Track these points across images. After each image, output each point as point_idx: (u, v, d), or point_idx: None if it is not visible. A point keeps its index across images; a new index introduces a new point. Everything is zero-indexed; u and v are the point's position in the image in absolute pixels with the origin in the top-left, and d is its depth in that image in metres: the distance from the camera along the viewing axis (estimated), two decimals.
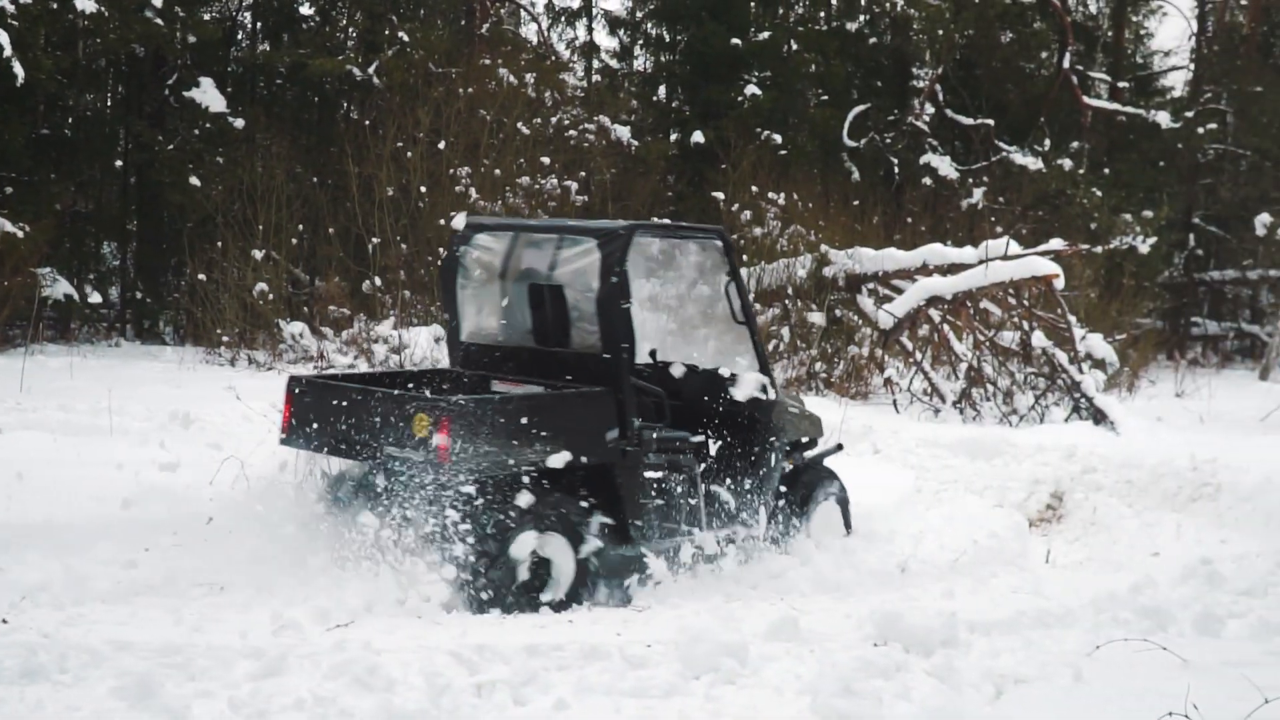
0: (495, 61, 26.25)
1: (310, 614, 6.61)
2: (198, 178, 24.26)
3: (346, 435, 7.94)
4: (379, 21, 28.44)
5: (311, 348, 20.51)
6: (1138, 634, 6.70)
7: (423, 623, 6.72)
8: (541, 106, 26.36)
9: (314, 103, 29.06)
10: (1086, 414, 16.08)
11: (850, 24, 33.12)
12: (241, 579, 7.36)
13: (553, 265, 8.83)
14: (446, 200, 21.91)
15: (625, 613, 7.23)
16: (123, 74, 28.25)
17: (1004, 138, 30.06)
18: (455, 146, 22.81)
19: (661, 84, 33.06)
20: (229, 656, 5.74)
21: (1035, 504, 11.94)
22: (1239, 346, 34.27)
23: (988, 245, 17.55)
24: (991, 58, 32.63)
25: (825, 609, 7.50)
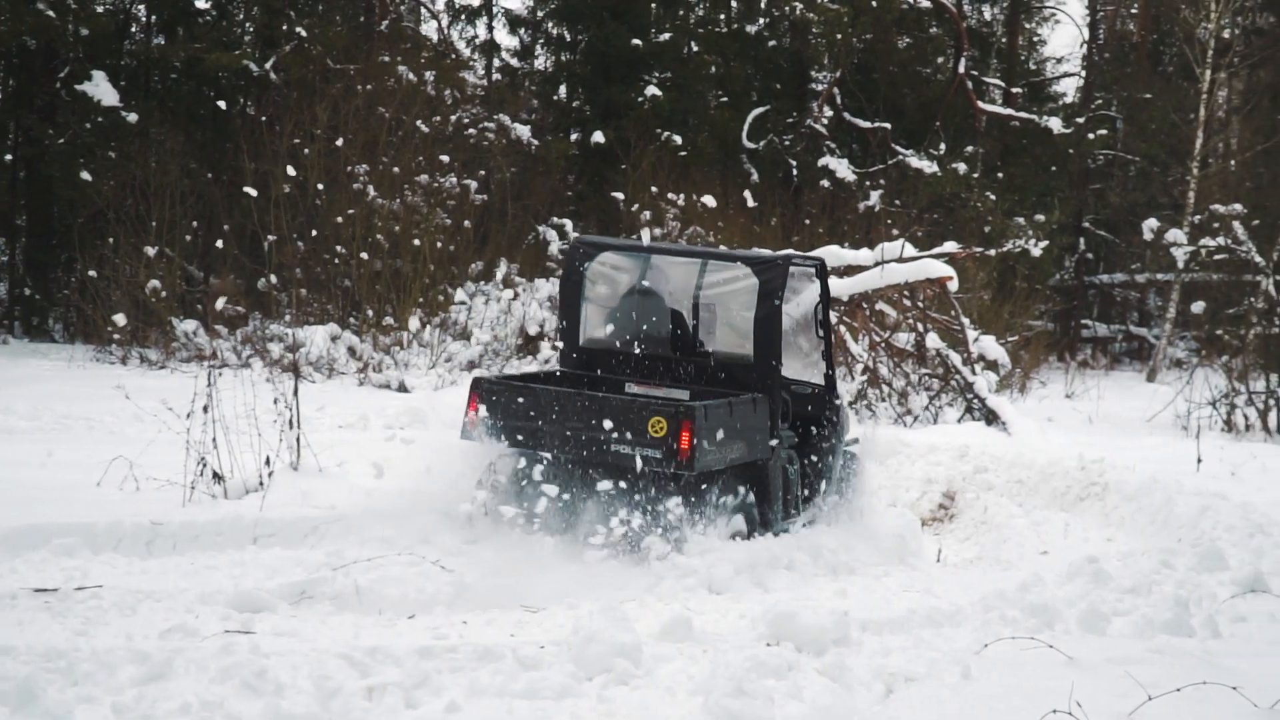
0: (395, 59, 26.11)
1: (208, 615, 6.54)
2: (89, 172, 23.90)
3: (555, 434, 8.87)
4: (277, 16, 28.13)
5: (205, 346, 20.26)
6: (1025, 632, 6.79)
7: (313, 625, 6.66)
8: (441, 104, 26.23)
9: (209, 98, 28.66)
10: (979, 415, 16.31)
11: (750, 26, 33.25)
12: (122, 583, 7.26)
13: (699, 286, 10.17)
14: (344, 198, 21.76)
15: (519, 613, 7.21)
16: (13, 66, 27.73)
17: (901, 141, 30.33)
18: (353, 144, 22.64)
19: (562, 83, 33.00)
20: (114, 661, 5.64)
21: (928, 503, 12.08)
22: (1127, 348, 34.90)
23: (884, 247, 17.71)
24: (889, 62, 32.97)
25: (719, 609, 7.53)
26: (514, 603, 7.44)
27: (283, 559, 7.88)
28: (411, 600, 7.28)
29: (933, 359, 17.32)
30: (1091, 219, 35.33)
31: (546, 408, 8.96)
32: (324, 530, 8.49)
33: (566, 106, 32.39)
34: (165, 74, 29.61)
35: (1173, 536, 9.99)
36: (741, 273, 9.96)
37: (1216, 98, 32.94)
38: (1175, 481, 11.28)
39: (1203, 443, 14.12)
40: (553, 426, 8.89)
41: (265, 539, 8.30)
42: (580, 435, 8.77)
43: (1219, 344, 22.63)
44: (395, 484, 9.74)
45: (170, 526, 8.13)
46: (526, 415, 8.99)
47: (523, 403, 9.05)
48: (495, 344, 21.25)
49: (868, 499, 10.52)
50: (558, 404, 8.95)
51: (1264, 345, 21.06)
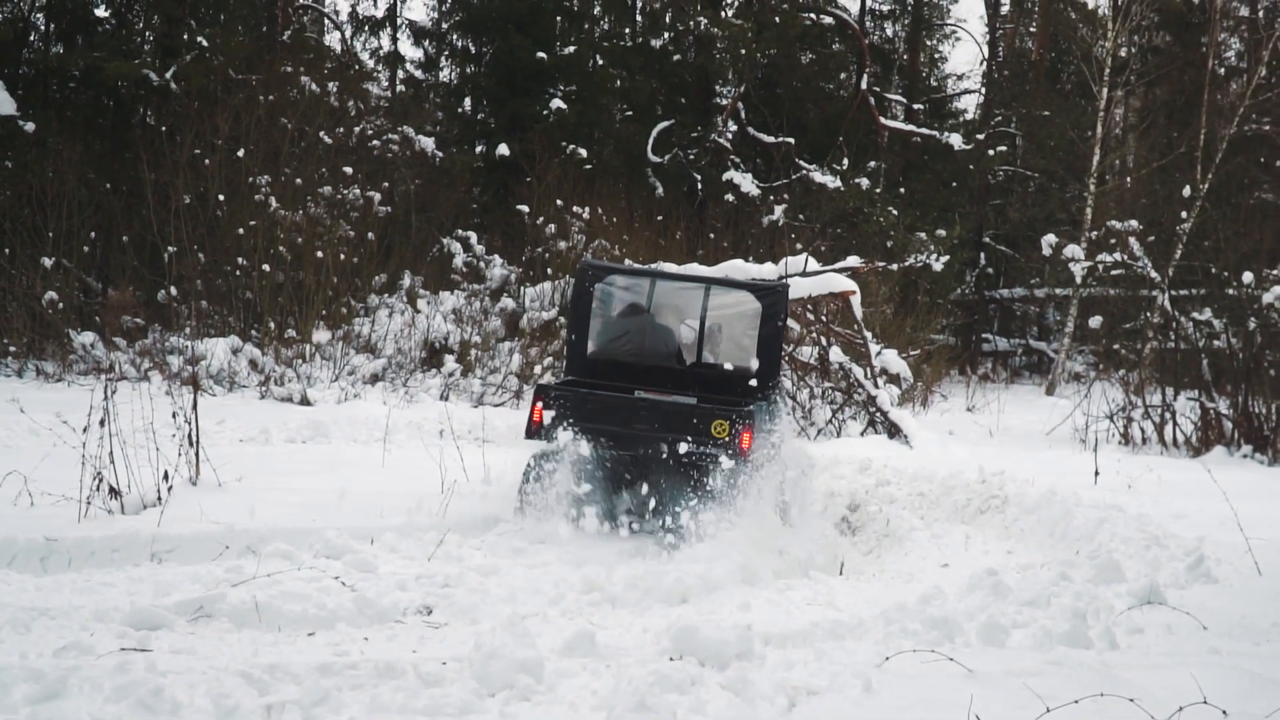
0: (297, 69, 25.92)
1: (104, 633, 6.43)
2: None
3: (622, 434, 10.18)
4: (177, 25, 27.87)
5: (103, 359, 19.96)
6: (926, 644, 6.83)
7: (211, 643, 6.57)
8: (345, 116, 26.09)
9: (109, 107, 28.35)
10: (882, 428, 16.43)
11: (655, 41, 33.39)
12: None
13: (704, 308, 11.45)
14: (245, 209, 21.54)
15: (421, 629, 7.16)
16: None
17: (804, 156, 30.57)
18: (255, 154, 22.42)
19: (467, 96, 32.95)
20: (7, 680, 5.53)
21: (831, 516, 12.13)
22: (1027, 362, 35.36)
23: (787, 261, 17.80)
24: (793, 77, 33.21)
25: (623, 623, 7.53)
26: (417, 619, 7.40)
27: (181, 575, 7.77)
28: (312, 617, 7.20)
29: (836, 372, 17.43)
30: (991, 234, 35.76)
31: (616, 411, 10.26)
32: (223, 546, 8.38)
33: (471, 119, 32.34)
34: (64, 83, 29.24)
35: (1071, 549, 10.10)
36: (745, 297, 11.53)
37: (1113, 115, 33.50)
38: (1073, 494, 11.40)
39: (1100, 456, 14.31)
40: (623, 428, 10.19)
41: (163, 555, 8.18)
42: (647, 434, 10.11)
43: (1116, 358, 22.96)
44: (295, 498, 9.68)
45: (65, 542, 7.99)
46: (596, 418, 10.17)
47: (590, 407, 10.21)
48: (400, 357, 21.13)
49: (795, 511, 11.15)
50: (627, 408, 10.32)
51: (1160, 360, 21.38)
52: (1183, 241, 24.45)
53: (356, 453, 13.61)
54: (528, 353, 21.01)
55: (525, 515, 10.07)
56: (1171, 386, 19.07)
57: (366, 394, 19.10)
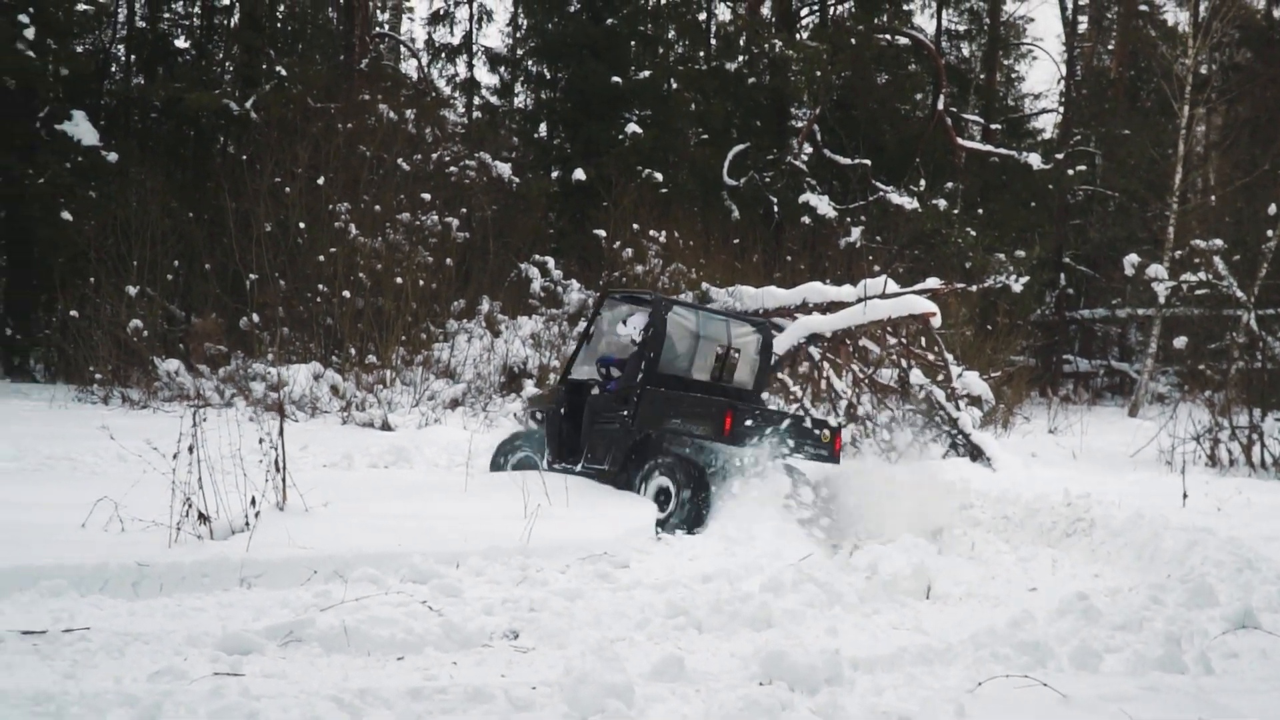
0: (375, 97, 26.15)
1: (197, 657, 6.48)
2: (69, 212, 23.89)
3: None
4: (257, 55, 28.21)
5: (187, 385, 20.18)
6: (1018, 669, 6.76)
7: (302, 667, 6.59)
8: (422, 143, 26.29)
9: (190, 137, 28.73)
10: (963, 450, 16.29)
11: (729, 64, 33.36)
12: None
13: (729, 337, 13.98)
14: (326, 236, 21.74)
15: (509, 654, 7.16)
16: None
17: (881, 178, 30.43)
18: (334, 182, 22.65)
19: (542, 121, 33.09)
20: (103, 704, 5.59)
21: (915, 539, 12.02)
22: (1109, 383, 34.98)
23: (866, 284, 17.74)
24: (868, 99, 33.07)
25: (710, 648, 7.49)
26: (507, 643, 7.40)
27: (270, 600, 7.81)
28: (400, 641, 7.21)
29: (916, 395, 17.32)
30: (1072, 254, 35.47)
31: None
32: (310, 570, 8.42)
33: (547, 144, 32.49)
34: (145, 113, 29.66)
35: (1161, 572, 9.97)
36: (750, 329, 14.29)
37: (1195, 133, 33.10)
38: (1161, 516, 11.26)
39: (1187, 478, 14.11)
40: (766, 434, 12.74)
41: (252, 580, 8.23)
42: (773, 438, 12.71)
43: (1201, 379, 22.65)
44: (380, 523, 9.72)
45: (157, 568, 8.05)
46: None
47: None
48: (479, 382, 21.21)
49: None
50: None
51: (1246, 380, 21.08)
52: (1268, 259, 24.10)
53: (438, 477, 13.66)
54: None
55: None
56: (1258, 407, 18.80)
57: (446, 419, 19.19)
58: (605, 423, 13.22)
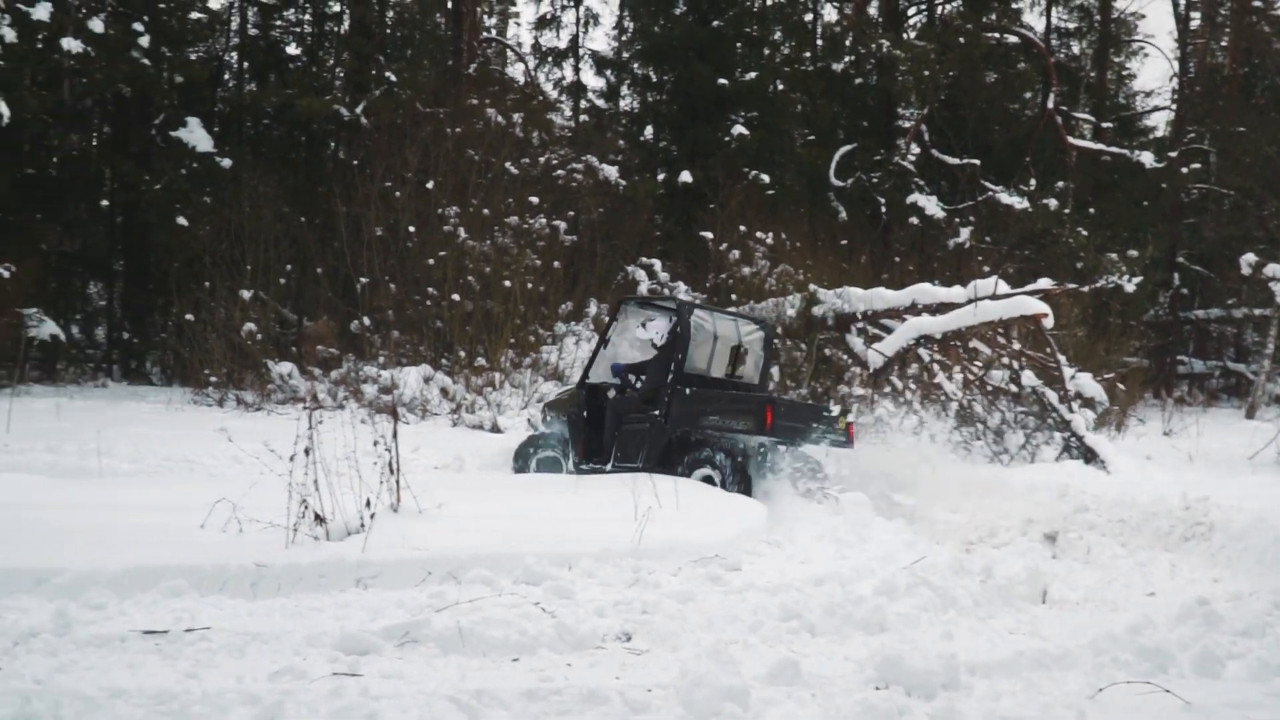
0: (483, 101, 26.31)
1: (316, 657, 6.55)
2: (185, 217, 24.28)
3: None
4: (366, 62, 28.51)
5: (300, 388, 20.43)
6: (1139, 676, 6.66)
7: (419, 667, 6.64)
8: (529, 146, 26.41)
9: (301, 142, 29.10)
10: (1077, 453, 16.08)
11: (836, 64, 33.20)
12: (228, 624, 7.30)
13: (739, 335, 14.96)
14: (435, 240, 21.91)
15: (622, 656, 7.16)
16: (109, 114, 28.28)
17: (990, 177, 30.12)
18: (443, 186, 22.83)
19: (648, 124, 33.12)
20: (225, 703, 5.66)
21: (1030, 543, 11.90)
22: (1225, 384, 34.36)
23: (976, 285, 17.57)
24: (977, 98, 32.75)
25: (824, 651, 7.44)
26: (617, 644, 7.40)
27: (386, 600, 7.88)
28: (514, 642, 7.24)
29: (1028, 396, 17.12)
30: (1185, 254, 34.90)
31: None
32: (425, 572, 8.48)
33: (653, 146, 32.52)
34: (258, 119, 30.08)
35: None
36: (755, 327, 15.35)
37: None
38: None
39: None
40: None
41: (368, 580, 8.31)
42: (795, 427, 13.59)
43: None
44: (492, 524, 9.77)
45: (274, 568, 8.15)
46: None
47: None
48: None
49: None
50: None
51: None
52: None
53: (548, 479, 13.72)
54: None
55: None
56: None
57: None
58: (633, 423, 13.98)
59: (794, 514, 12.02)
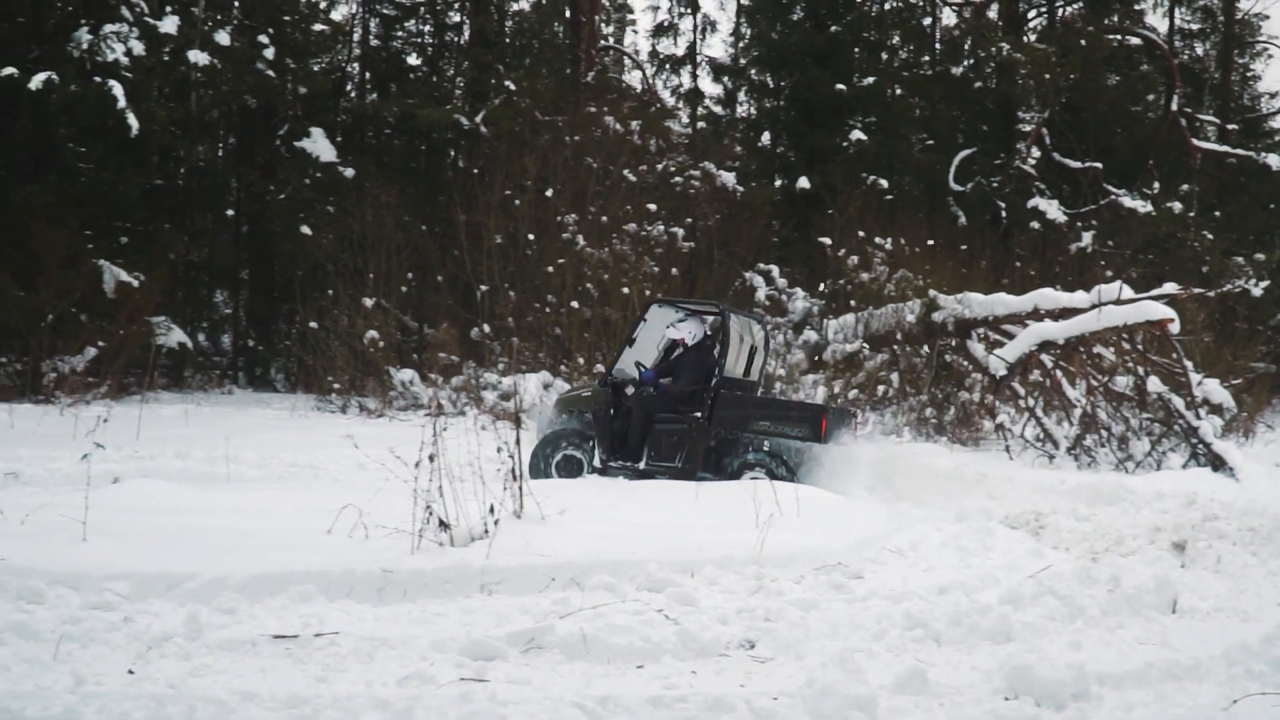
0: (601, 109, 26.42)
1: (443, 662, 6.62)
2: (308, 226, 24.63)
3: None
4: (486, 71, 28.76)
5: (422, 395, 20.64)
6: (1274, 687, 6.53)
7: (544, 673, 6.68)
8: (647, 153, 26.47)
9: (422, 151, 29.42)
10: (1204, 460, 15.78)
11: (955, 68, 32.94)
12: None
13: (753, 335, 15.53)
14: (554, 247, 22.03)
15: (747, 663, 7.15)
16: (235, 125, 28.78)
17: (1112, 180, 29.69)
18: (562, 194, 22.96)
19: (766, 130, 33.09)
20: (355, 708, 5.74)
21: (1158, 552, 11.71)
22: None
23: (1100, 290, 17.32)
24: (1099, 101, 32.30)
25: (950, 661, 7.38)
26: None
27: (510, 606, 7.93)
28: (638, 649, 7.26)
29: (1154, 403, 16.84)
30: None
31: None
32: (549, 578, 8.53)
33: (771, 152, 32.49)
34: (379, 129, 30.45)
35: None
36: (759, 327, 15.90)
37: None
38: None
39: None
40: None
41: (492, 586, 8.37)
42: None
43: None
44: (614, 531, 9.80)
45: (400, 574, 8.25)
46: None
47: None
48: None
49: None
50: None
51: None
52: None
53: (668, 486, 13.74)
54: (832, 385, 20.88)
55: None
56: None
57: None
58: (667, 423, 14.24)
59: (915, 520, 11.92)
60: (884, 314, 20.70)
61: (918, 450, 16.35)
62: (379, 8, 33.46)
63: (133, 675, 6.29)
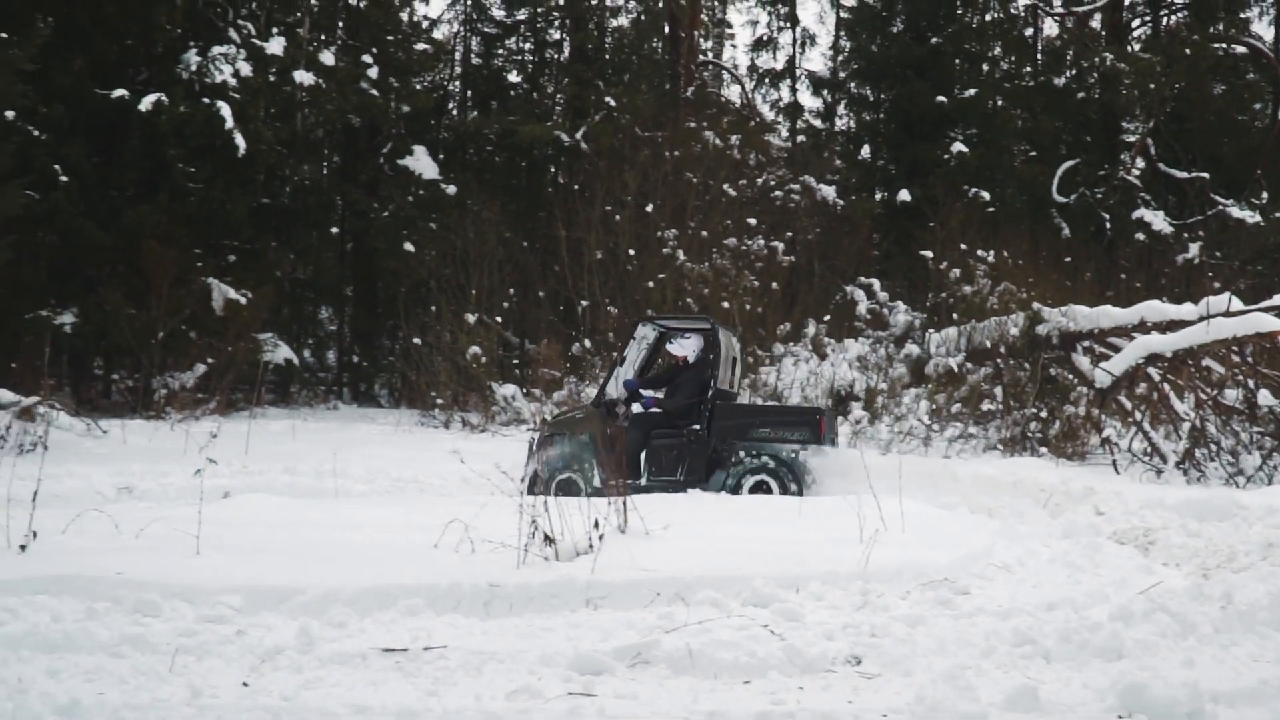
0: (700, 124, 26.47)
1: (550, 676, 6.66)
2: (411, 243, 24.86)
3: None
4: (586, 87, 28.91)
5: (524, 410, 20.76)
6: None
7: (652, 688, 6.68)
8: (746, 167, 26.48)
9: (523, 168, 29.61)
10: None
11: (1057, 79, 32.65)
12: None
13: (733, 347, 15.57)
14: (654, 262, 22.08)
15: (853, 679, 7.11)
16: (339, 143, 29.13)
17: (1220, 191, 29.26)
18: (662, 209, 23.03)
19: (866, 143, 32.98)
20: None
21: (1269, 568, 11.51)
22: None
23: (1208, 301, 17.08)
24: (1204, 110, 31.86)
25: (1061, 678, 7.29)
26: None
27: (616, 621, 7.96)
28: (744, 664, 7.25)
29: (1265, 416, 16.57)
30: None
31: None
32: (653, 593, 8.55)
33: (871, 165, 32.38)
34: (480, 146, 30.70)
35: None
36: (737, 340, 16.11)
37: None
38: None
39: None
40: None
41: (598, 601, 8.40)
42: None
43: None
44: (718, 546, 9.80)
45: (506, 588, 8.30)
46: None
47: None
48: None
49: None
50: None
51: None
52: None
53: (769, 500, 13.71)
54: (935, 399, 20.74)
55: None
56: None
57: None
58: (665, 437, 14.49)
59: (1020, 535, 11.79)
60: (987, 327, 20.54)
61: (1017, 465, 16.19)
62: (480, 26, 33.80)
63: (247, 688, 6.38)
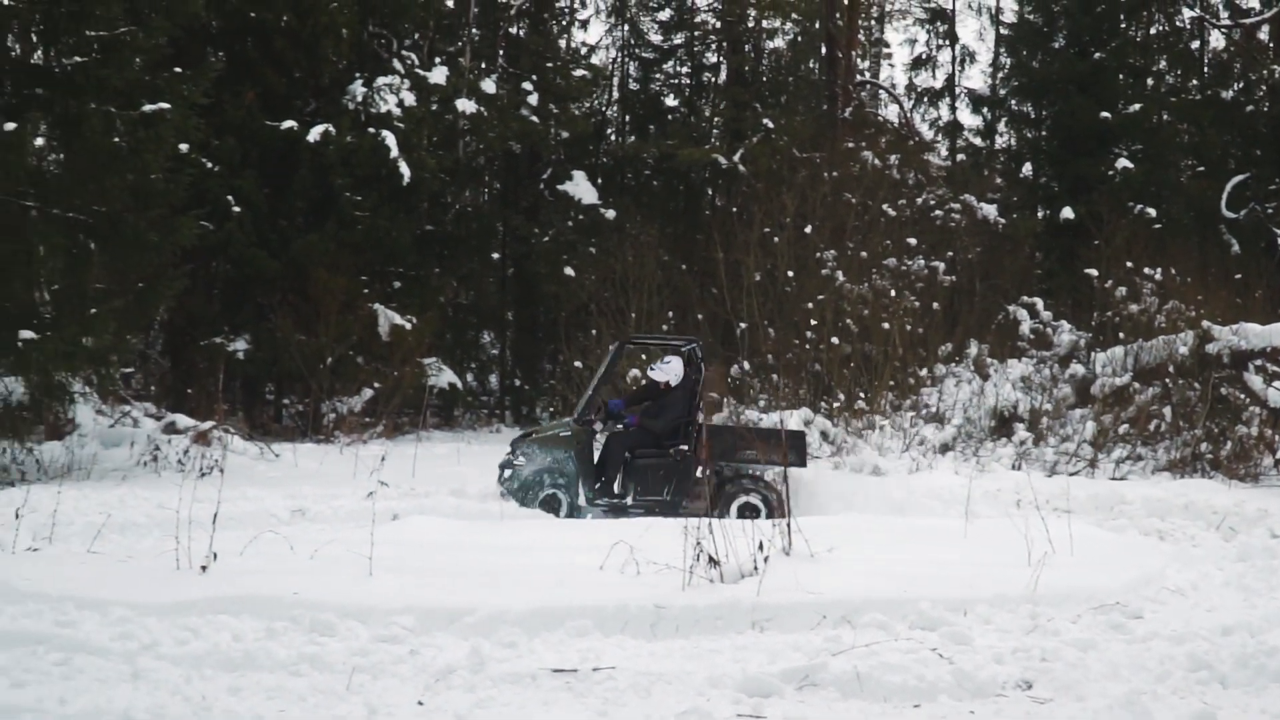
0: (858, 144, 26.36)
1: (719, 698, 6.68)
2: (571, 267, 25.07)
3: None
4: (743, 110, 28.98)
5: None
6: None
7: (821, 711, 6.67)
8: (906, 187, 26.30)
9: (681, 191, 29.74)
10: None
11: (1225, 92, 31.93)
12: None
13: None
14: (813, 283, 22.02)
15: (1025, 704, 7.02)
16: (499, 170, 29.49)
17: None
18: (821, 230, 22.95)
19: (1027, 160, 32.57)
20: None
21: None
22: None
23: None
24: None
25: (1239, 704, 7.14)
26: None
27: (782, 643, 7.97)
28: (912, 688, 7.22)
29: None
30: None
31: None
32: (819, 615, 8.54)
33: (1033, 183, 31.97)
34: (638, 170, 30.90)
35: None
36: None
37: None
38: None
39: None
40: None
41: (763, 623, 8.42)
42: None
43: None
44: (883, 568, 9.76)
45: (672, 610, 8.36)
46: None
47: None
48: (969, 426, 20.92)
49: None
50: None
51: None
52: None
53: (934, 523, 13.57)
54: (1101, 420, 20.36)
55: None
56: None
57: (937, 464, 19.02)
58: (648, 457, 14.45)
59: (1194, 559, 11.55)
60: (1155, 346, 20.16)
61: (1188, 487, 15.84)
62: (637, 51, 34.11)
63: (422, 706, 6.51)
